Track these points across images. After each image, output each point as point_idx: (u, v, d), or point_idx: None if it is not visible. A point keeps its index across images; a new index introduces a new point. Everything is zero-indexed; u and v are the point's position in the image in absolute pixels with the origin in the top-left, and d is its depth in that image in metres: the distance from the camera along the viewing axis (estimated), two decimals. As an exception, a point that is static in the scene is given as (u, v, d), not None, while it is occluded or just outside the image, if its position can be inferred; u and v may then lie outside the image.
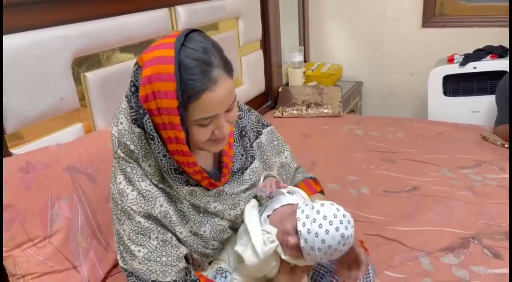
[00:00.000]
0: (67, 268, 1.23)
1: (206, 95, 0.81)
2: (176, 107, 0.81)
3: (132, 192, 0.92)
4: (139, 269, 0.93)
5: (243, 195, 1.04)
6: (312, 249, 0.90)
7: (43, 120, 1.37)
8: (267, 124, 1.16)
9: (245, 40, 2.43)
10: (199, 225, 0.98)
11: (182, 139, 0.85)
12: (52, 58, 1.35)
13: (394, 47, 3.12)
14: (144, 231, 0.92)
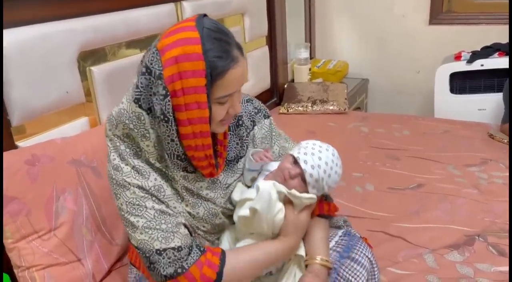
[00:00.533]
0: (72, 260, 1.24)
1: (230, 73, 0.87)
2: (204, 85, 0.84)
3: (127, 166, 0.94)
4: (142, 240, 0.93)
5: (234, 185, 1.06)
6: (313, 168, 1.00)
7: (49, 113, 1.37)
8: (267, 115, 1.15)
9: (251, 36, 2.42)
10: (193, 206, 0.99)
11: (206, 118, 0.88)
12: (58, 52, 1.35)
13: (401, 44, 3.11)
14: (140, 201, 0.93)
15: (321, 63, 3.16)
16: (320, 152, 1.03)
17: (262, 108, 1.16)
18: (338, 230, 1.19)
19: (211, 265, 0.92)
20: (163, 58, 0.85)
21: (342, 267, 1.05)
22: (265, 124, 1.14)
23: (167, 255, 0.92)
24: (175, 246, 0.92)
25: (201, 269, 0.91)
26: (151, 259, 0.92)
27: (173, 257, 0.91)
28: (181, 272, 0.91)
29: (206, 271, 0.91)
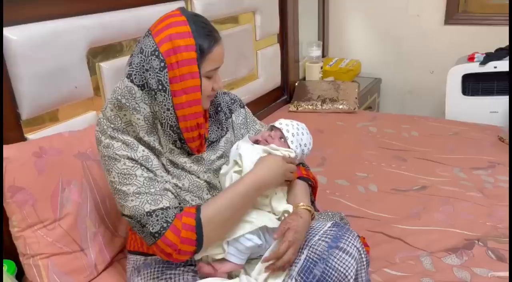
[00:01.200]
0: (75, 250, 1.28)
1: (217, 48, 1.05)
2: (195, 58, 1.01)
3: (117, 142, 1.05)
4: (133, 206, 1.02)
5: (218, 162, 1.18)
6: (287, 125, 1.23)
7: (58, 107, 1.42)
8: (242, 105, 1.32)
9: (262, 34, 2.44)
10: (179, 177, 1.10)
11: (198, 86, 1.03)
12: (68, 48, 1.39)
13: (415, 44, 3.08)
14: (130, 170, 1.03)
15: (333, 62, 3.15)
16: (291, 121, 1.26)
17: (237, 99, 1.33)
18: (327, 222, 1.20)
19: (189, 214, 1.03)
20: (157, 39, 1.01)
21: (330, 257, 1.06)
22: (241, 113, 1.30)
23: (157, 216, 1.01)
24: (163, 206, 1.02)
25: (181, 219, 1.02)
26: (142, 222, 1.01)
27: (160, 215, 1.01)
28: (166, 227, 1.00)
29: (186, 220, 1.01)
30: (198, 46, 1.02)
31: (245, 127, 1.30)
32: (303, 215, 1.11)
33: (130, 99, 1.03)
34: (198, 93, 1.04)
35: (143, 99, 1.03)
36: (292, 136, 1.22)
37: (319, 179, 1.84)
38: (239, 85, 2.36)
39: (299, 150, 1.24)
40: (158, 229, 1.00)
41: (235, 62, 2.24)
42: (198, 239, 1.01)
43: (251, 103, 2.46)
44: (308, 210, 1.13)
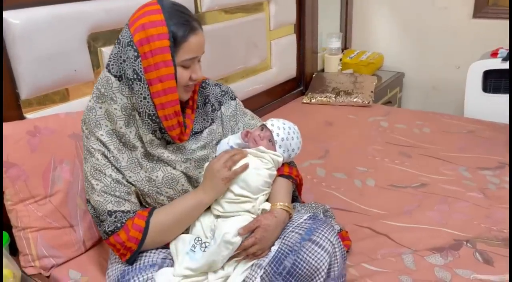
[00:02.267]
0: (64, 226, 1.34)
1: (193, 37, 1.05)
2: (168, 47, 1.02)
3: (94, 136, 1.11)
4: (97, 201, 1.10)
5: (198, 152, 1.19)
6: (278, 129, 1.22)
7: (57, 89, 1.48)
8: (233, 97, 1.32)
9: (276, 24, 2.42)
10: (152, 170, 1.13)
11: (172, 74, 1.04)
12: (68, 32, 1.45)
13: (442, 38, 2.96)
14: (101, 167, 1.10)
15: (355, 54, 3.09)
16: (283, 123, 1.25)
17: (229, 91, 1.32)
18: (304, 215, 1.20)
19: (141, 216, 1.10)
20: (132, 29, 1.04)
21: (302, 249, 1.06)
22: (231, 105, 1.30)
23: (115, 217, 1.08)
24: (124, 209, 1.10)
25: (133, 220, 1.09)
26: (101, 218, 1.10)
27: (119, 217, 1.08)
28: (120, 227, 1.08)
29: (137, 221, 1.09)
30: (172, 35, 1.02)
31: (234, 119, 1.29)
32: (277, 215, 1.11)
33: (108, 89, 1.08)
34: (173, 82, 1.05)
35: (120, 90, 1.07)
36: (282, 141, 1.21)
37: (318, 171, 1.83)
38: (250, 75, 2.36)
39: (286, 155, 1.23)
40: (112, 228, 1.08)
41: (245, 51, 2.24)
42: (142, 239, 1.08)
43: (263, 93, 2.47)
44: (285, 209, 1.13)
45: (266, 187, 1.15)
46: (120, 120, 1.09)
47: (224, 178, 1.11)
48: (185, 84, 1.10)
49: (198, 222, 1.16)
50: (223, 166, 1.12)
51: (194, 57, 1.08)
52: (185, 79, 1.09)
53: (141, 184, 1.13)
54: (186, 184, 1.18)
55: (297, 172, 1.27)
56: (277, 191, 1.19)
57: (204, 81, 1.30)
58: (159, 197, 1.15)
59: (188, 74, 1.09)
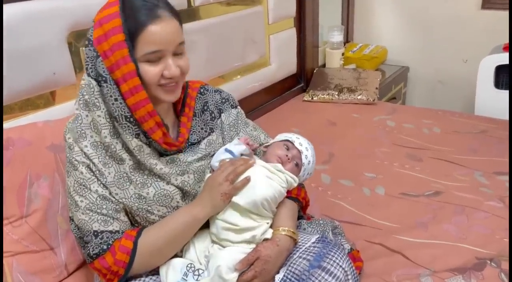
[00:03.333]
0: (43, 249, 1.20)
1: (151, 27, 0.90)
2: (123, 41, 0.89)
3: (76, 147, 0.99)
4: (82, 220, 0.98)
5: (195, 164, 1.06)
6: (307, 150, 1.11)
7: (34, 95, 1.34)
8: (234, 106, 1.19)
9: (275, 18, 2.28)
10: (142, 186, 1.00)
11: (133, 72, 0.91)
12: (45, 32, 1.30)
13: (448, 30, 2.82)
14: (86, 182, 0.98)
15: (357, 48, 2.95)
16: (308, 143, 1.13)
17: (230, 98, 1.20)
18: (312, 236, 1.07)
19: (129, 237, 0.98)
20: (94, 27, 0.94)
21: (311, 278, 0.94)
22: (232, 113, 1.18)
23: (101, 238, 0.97)
24: (112, 229, 0.98)
25: (120, 241, 0.97)
26: (85, 239, 0.98)
27: (105, 239, 0.97)
28: (106, 249, 0.96)
29: (124, 242, 0.97)
30: (126, 27, 0.90)
31: (235, 129, 1.17)
32: (280, 243, 1.00)
33: (90, 94, 0.96)
34: (136, 79, 0.92)
35: (101, 94, 0.96)
36: (308, 164, 1.11)
37: (323, 178, 1.70)
38: (248, 72, 2.22)
39: (303, 178, 1.14)
40: (98, 251, 0.96)
41: (243, 47, 2.10)
42: (130, 262, 0.97)
43: (262, 91, 2.33)
44: (288, 236, 1.01)
45: (273, 205, 1.02)
46: (104, 128, 0.98)
47: (223, 193, 0.98)
48: (156, 83, 0.95)
49: (192, 245, 1.03)
50: (225, 179, 0.99)
51: (158, 50, 0.92)
52: (153, 77, 0.94)
53: (129, 202, 1.00)
54: (181, 201, 1.05)
55: (304, 194, 1.16)
56: (281, 214, 1.06)
57: (203, 87, 1.18)
58: (150, 216, 1.02)
59: (158, 71, 0.94)
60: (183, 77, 1.00)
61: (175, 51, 0.95)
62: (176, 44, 0.94)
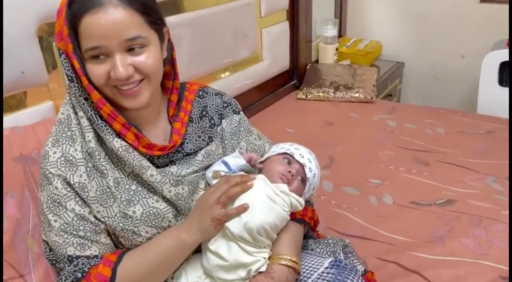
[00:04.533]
0: (12, 277, 1.03)
1: (87, 18, 0.77)
2: (68, 35, 0.79)
3: (55, 154, 0.85)
4: (56, 242, 0.85)
5: (191, 176, 0.93)
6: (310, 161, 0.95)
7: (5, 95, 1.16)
8: (237, 111, 1.06)
9: (267, 10, 2.12)
10: (128, 204, 0.86)
11: (79, 70, 0.81)
12: (12, 23, 1.12)
13: (445, 24, 2.71)
14: (61, 199, 0.84)
15: (351, 43, 2.81)
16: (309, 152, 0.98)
17: (233, 103, 1.07)
18: (324, 260, 0.93)
19: (108, 262, 0.85)
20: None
21: None
22: (234, 119, 1.05)
23: (76, 265, 0.84)
24: (90, 254, 0.85)
25: (97, 268, 0.84)
26: (58, 266, 0.87)
27: (80, 265, 0.84)
28: (80, 278, 0.83)
29: (102, 269, 0.84)
30: (68, 17, 0.78)
31: (236, 137, 1.03)
32: (275, 275, 0.85)
33: (71, 94, 0.86)
34: (84, 79, 0.81)
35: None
36: (313, 178, 0.95)
37: (325, 185, 1.57)
38: (239, 69, 2.07)
39: (308, 195, 0.98)
40: (71, 280, 0.83)
41: (233, 42, 1.94)
42: None
43: (254, 89, 2.18)
44: (287, 266, 0.86)
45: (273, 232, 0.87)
46: (88, 132, 0.86)
47: (214, 218, 0.83)
48: (103, 84, 0.82)
49: (184, 273, 0.90)
50: (216, 201, 0.84)
51: (97, 46, 0.78)
52: (99, 78, 0.81)
53: (113, 221, 0.86)
54: (174, 221, 0.90)
55: (312, 213, 1.01)
56: (281, 240, 0.91)
57: (202, 89, 1.04)
58: (137, 238, 0.88)
59: (103, 71, 0.80)
60: (146, 78, 0.84)
61: (127, 47, 0.80)
62: (124, 39, 0.78)
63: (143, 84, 0.84)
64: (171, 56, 0.94)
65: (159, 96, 0.95)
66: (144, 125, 0.92)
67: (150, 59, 0.82)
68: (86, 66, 0.81)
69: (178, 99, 0.98)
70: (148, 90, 0.85)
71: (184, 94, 1.00)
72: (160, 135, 0.95)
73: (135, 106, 0.85)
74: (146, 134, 0.89)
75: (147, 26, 0.82)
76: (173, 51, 0.95)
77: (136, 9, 0.79)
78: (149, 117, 0.94)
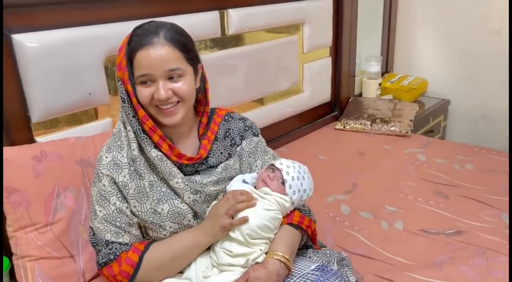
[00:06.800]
0: (64, 256, 1.29)
1: (142, 53, 1.01)
2: (125, 65, 1.03)
3: (107, 159, 1.09)
4: (98, 228, 1.07)
5: (211, 187, 1.13)
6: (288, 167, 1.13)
7: (70, 112, 1.45)
8: (256, 134, 1.26)
9: (310, 47, 2.32)
10: (158, 202, 1.07)
11: (131, 92, 1.04)
12: (84, 56, 1.42)
13: (493, 64, 2.74)
14: (106, 194, 1.07)
15: (396, 79, 2.92)
16: (293, 162, 1.17)
17: (253, 127, 1.27)
18: (312, 264, 1.08)
19: (136, 250, 1.05)
20: None
21: None
22: (253, 141, 1.24)
23: (111, 249, 1.05)
24: (122, 241, 1.06)
25: (127, 253, 1.05)
26: (97, 248, 1.08)
27: (114, 249, 1.05)
28: (113, 259, 1.04)
29: (131, 255, 1.04)
30: (127, 52, 1.03)
31: (254, 156, 1.23)
32: (269, 266, 1.02)
33: (122, 112, 1.10)
34: (133, 99, 1.05)
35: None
36: (292, 180, 1.12)
37: (342, 208, 1.70)
38: (280, 99, 2.27)
39: (297, 196, 1.13)
40: (105, 260, 1.05)
41: (273, 74, 2.16)
42: (133, 274, 1.04)
43: (293, 117, 2.37)
44: (280, 260, 1.03)
45: (265, 232, 1.05)
46: (133, 142, 1.09)
47: (222, 225, 1.04)
48: (148, 103, 1.05)
49: (194, 263, 1.09)
50: (225, 212, 1.04)
51: (146, 74, 1.02)
52: (145, 98, 1.04)
53: (145, 215, 1.08)
54: (193, 220, 1.11)
55: (309, 222, 1.16)
56: (277, 240, 1.09)
57: (228, 114, 1.25)
58: (162, 231, 1.09)
59: (148, 93, 1.04)
60: (182, 101, 1.07)
61: (169, 76, 1.03)
62: (166, 69, 1.02)
63: (178, 105, 1.07)
64: (203, 87, 1.17)
65: (191, 117, 1.18)
66: (178, 139, 1.15)
67: (185, 86, 1.05)
68: (136, 89, 1.05)
69: (208, 121, 1.20)
70: (182, 111, 1.09)
71: (213, 117, 1.22)
72: (190, 149, 1.17)
73: (171, 123, 1.08)
74: (179, 147, 1.12)
75: (185, 61, 1.06)
76: (206, 83, 1.19)
77: (177, 48, 1.04)
78: (182, 134, 1.16)
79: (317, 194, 1.76)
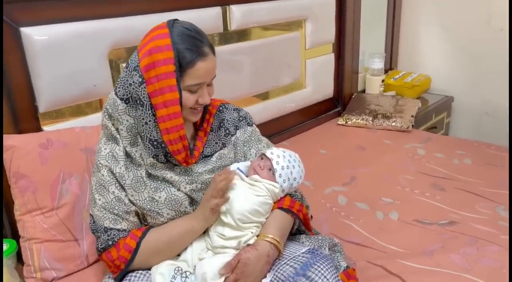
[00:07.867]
0: (68, 239, 1.35)
1: (200, 64, 1.04)
2: (173, 71, 1.01)
3: (105, 150, 1.13)
4: (97, 215, 1.12)
5: (205, 176, 1.16)
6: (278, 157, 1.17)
7: (76, 103, 1.51)
8: (250, 124, 1.30)
9: (312, 43, 2.36)
10: (155, 190, 1.12)
11: (177, 99, 1.03)
12: (89, 49, 1.48)
13: (497, 61, 2.75)
14: (105, 183, 1.11)
15: (399, 76, 2.95)
16: (283, 151, 1.20)
17: (248, 117, 1.31)
18: (303, 247, 1.12)
19: (134, 237, 1.10)
20: (140, 54, 1.04)
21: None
22: (247, 130, 1.28)
23: (109, 235, 1.10)
24: (120, 228, 1.11)
25: (125, 239, 1.09)
26: (97, 234, 1.13)
27: (112, 235, 1.10)
28: (111, 245, 1.09)
29: (129, 241, 1.09)
30: (178, 60, 1.01)
31: (248, 145, 1.27)
32: (259, 247, 1.07)
33: (114, 111, 1.10)
34: (177, 107, 1.04)
35: (127, 112, 1.09)
36: (282, 170, 1.16)
37: (339, 199, 1.74)
38: (283, 94, 2.32)
39: (287, 184, 1.17)
40: (104, 246, 1.10)
41: (276, 70, 2.20)
42: (131, 259, 1.09)
43: (296, 112, 2.41)
44: (269, 242, 1.08)
45: (255, 217, 1.09)
46: (125, 139, 1.11)
47: (211, 208, 1.08)
48: (191, 107, 1.10)
49: (190, 247, 1.14)
50: (211, 195, 1.09)
51: (201, 83, 1.07)
52: (191, 103, 1.08)
53: (142, 203, 1.13)
54: (189, 207, 1.16)
55: (300, 207, 1.20)
56: (268, 223, 1.13)
57: (223, 105, 1.30)
58: (159, 218, 1.14)
59: (195, 99, 1.08)
60: None
61: (209, 82, 1.10)
62: (212, 77, 1.10)
63: None
64: None
65: None
66: None
67: (213, 89, 1.14)
68: (183, 96, 1.05)
69: (204, 112, 1.25)
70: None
71: (208, 109, 1.27)
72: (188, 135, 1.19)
73: (197, 119, 1.16)
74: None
75: None
76: None
77: (214, 54, 1.10)
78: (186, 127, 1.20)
79: (315, 185, 1.82)
